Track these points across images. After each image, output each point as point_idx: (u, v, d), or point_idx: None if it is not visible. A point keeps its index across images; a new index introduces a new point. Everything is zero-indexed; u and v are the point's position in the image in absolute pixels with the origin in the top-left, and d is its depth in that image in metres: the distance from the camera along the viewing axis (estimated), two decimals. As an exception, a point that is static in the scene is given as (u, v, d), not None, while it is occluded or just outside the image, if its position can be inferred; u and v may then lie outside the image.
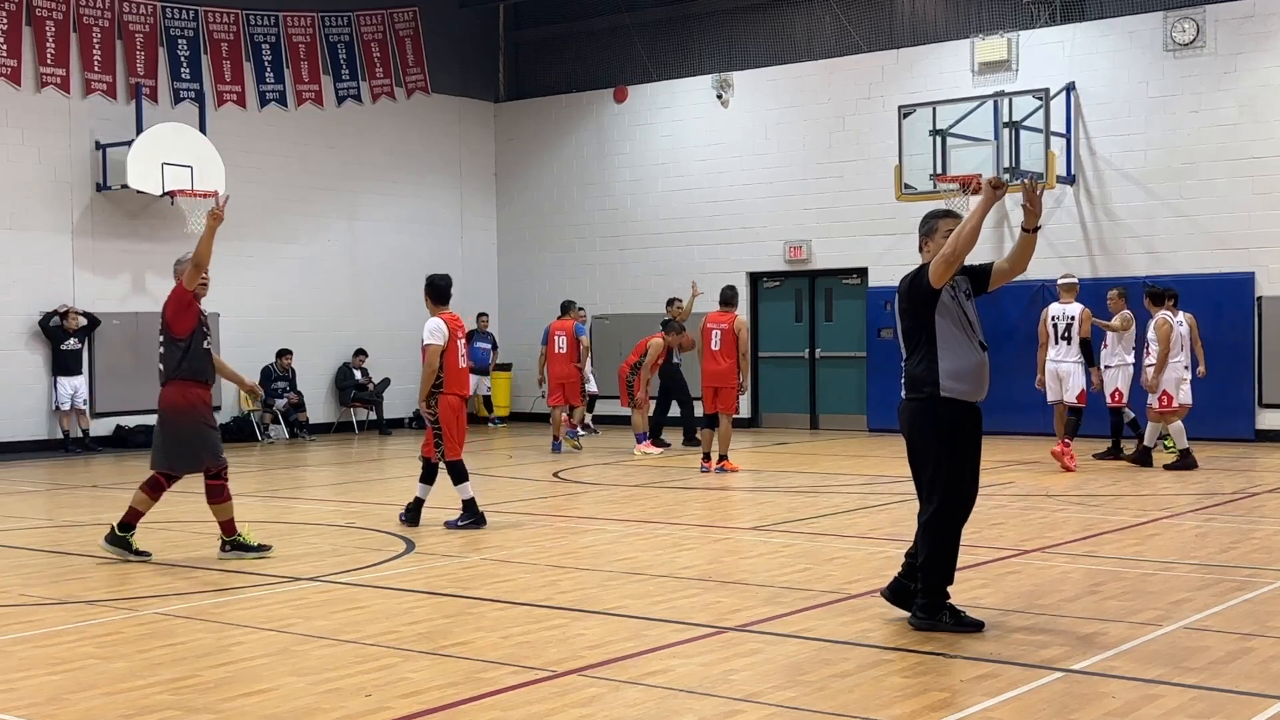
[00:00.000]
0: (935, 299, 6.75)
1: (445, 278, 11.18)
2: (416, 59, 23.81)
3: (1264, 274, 18.13)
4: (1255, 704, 5.46)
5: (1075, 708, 5.46)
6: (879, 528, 10.63)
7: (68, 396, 19.01)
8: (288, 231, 22.03)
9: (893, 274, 20.78)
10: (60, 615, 7.66)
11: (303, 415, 21.50)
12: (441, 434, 10.87)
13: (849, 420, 21.35)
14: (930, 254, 6.86)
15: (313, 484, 15.11)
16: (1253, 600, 7.55)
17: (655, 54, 23.52)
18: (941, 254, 6.65)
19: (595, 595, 7.99)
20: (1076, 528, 10.36)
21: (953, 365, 6.75)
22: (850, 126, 21.19)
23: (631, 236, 23.45)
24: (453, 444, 10.90)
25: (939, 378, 6.74)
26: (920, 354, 6.81)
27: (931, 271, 6.71)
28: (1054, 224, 19.36)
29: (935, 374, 6.75)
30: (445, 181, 24.39)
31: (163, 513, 12.38)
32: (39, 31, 19.22)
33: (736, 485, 13.98)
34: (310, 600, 8.02)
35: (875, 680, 5.93)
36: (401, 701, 5.65)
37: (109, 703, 5.73)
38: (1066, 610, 7.27)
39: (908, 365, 6.89)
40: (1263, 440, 17.93)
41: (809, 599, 7.71)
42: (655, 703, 5.61)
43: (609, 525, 11.02)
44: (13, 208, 18.94)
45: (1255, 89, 18.21)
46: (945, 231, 6.81)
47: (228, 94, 21.27)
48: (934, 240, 6.88)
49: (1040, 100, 18.42)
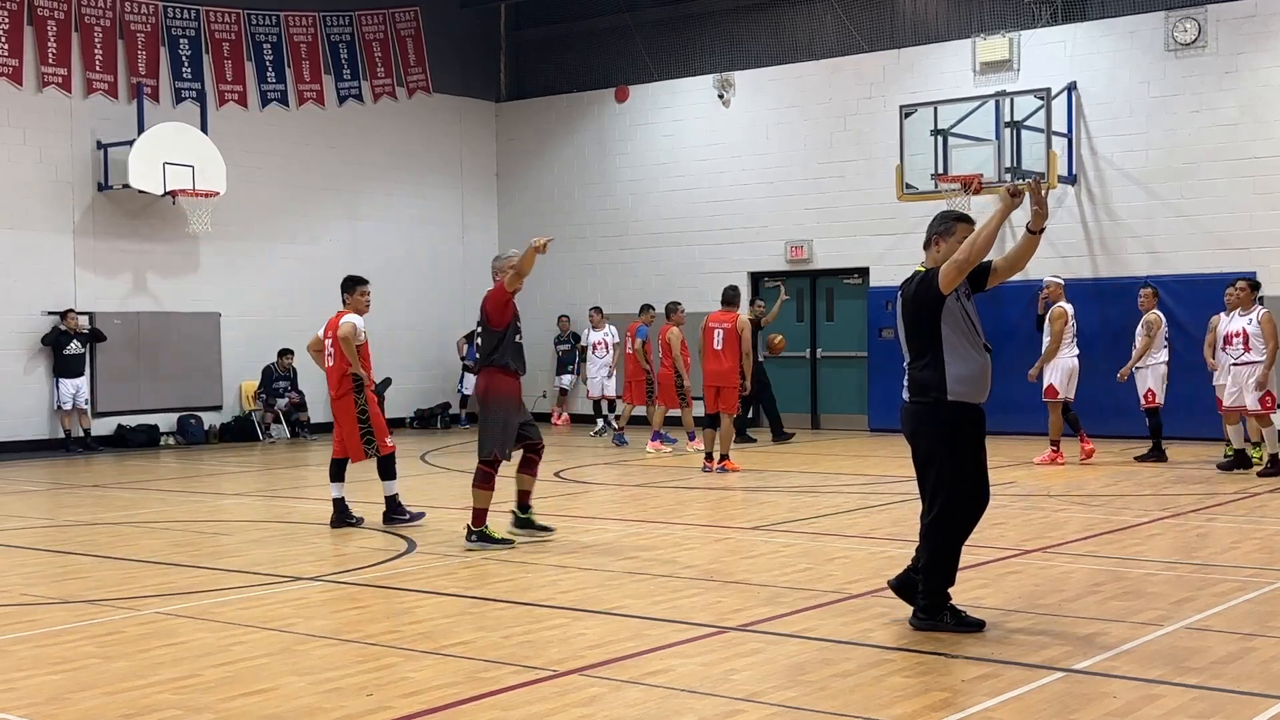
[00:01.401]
0: (942, 303, 6.72)
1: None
2: (418, 59, 23.81)
3: (1265, 274, 18.09)
4: (1256, 704, 5.46)
5: (1076, 708, 5.46)
6: (880, 527, 10.62)
7: (69, 396, 19.02)
8: (289, 231, 22.04)
9: (894, 274, 20.78)
10: (61, 615, 7.66)
11: (304, 415, 21.50)
12: (373, 429, 10.88)
13: (850, 420, 21.34)
14: (939, 254, 6.80)
15: (314, 484, 15.09)
16: (1254, 600, 7.55)
17: (656, 54, 23.51)
18: (954, 260, 6.59)
19: (596, 595, 7.99)
20: (1078, 528, 10.36)
21: (959, 369, 6.73)
22: (851, 126, 21.18)
23: (632, 236, 23.45)
24: (385, 438, 10.98)
25: (946, 382, 6.71)
26: (926, 358, 6.76)
27: (942, 277, 6.65)
28: (1055, 224, 19.33)
29: (942, 378, 6.71)
30: (446, 181, 24.39)
31: (162, 512, 12.40)
32: (40, 31, 19.23)
33: (737, 485, 13.98)
34: (311, 600, 8.03)
35: (876, 680, 5.93)
36: (402, 701, 5.65)
37: (110, 702, 5.73)
38: (1068, 610, 7.27)
39: (912, 368, 6.85)
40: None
41: (810, 599, 7.71)
42: (656, 702, 5.61)
43: (610, 525, 11.02)
44: (14, 207, 18.95)
45: (1257, 89, 18.20)
46: (962, 235, 6.74)
47: (229, 93, 21.27)
48: (947, 242, 6.81)
49: (1041, 100, 18.42)
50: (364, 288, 11.28)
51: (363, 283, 11.32)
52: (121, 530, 11.30)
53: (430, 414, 23.64)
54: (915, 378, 6.82)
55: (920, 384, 6.79)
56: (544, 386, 24.29)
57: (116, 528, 11.45)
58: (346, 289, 11.32)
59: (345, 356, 10.88)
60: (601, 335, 21.60)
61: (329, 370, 11.10)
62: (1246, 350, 13.85)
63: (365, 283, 11.33)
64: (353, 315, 11.07)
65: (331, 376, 11.09)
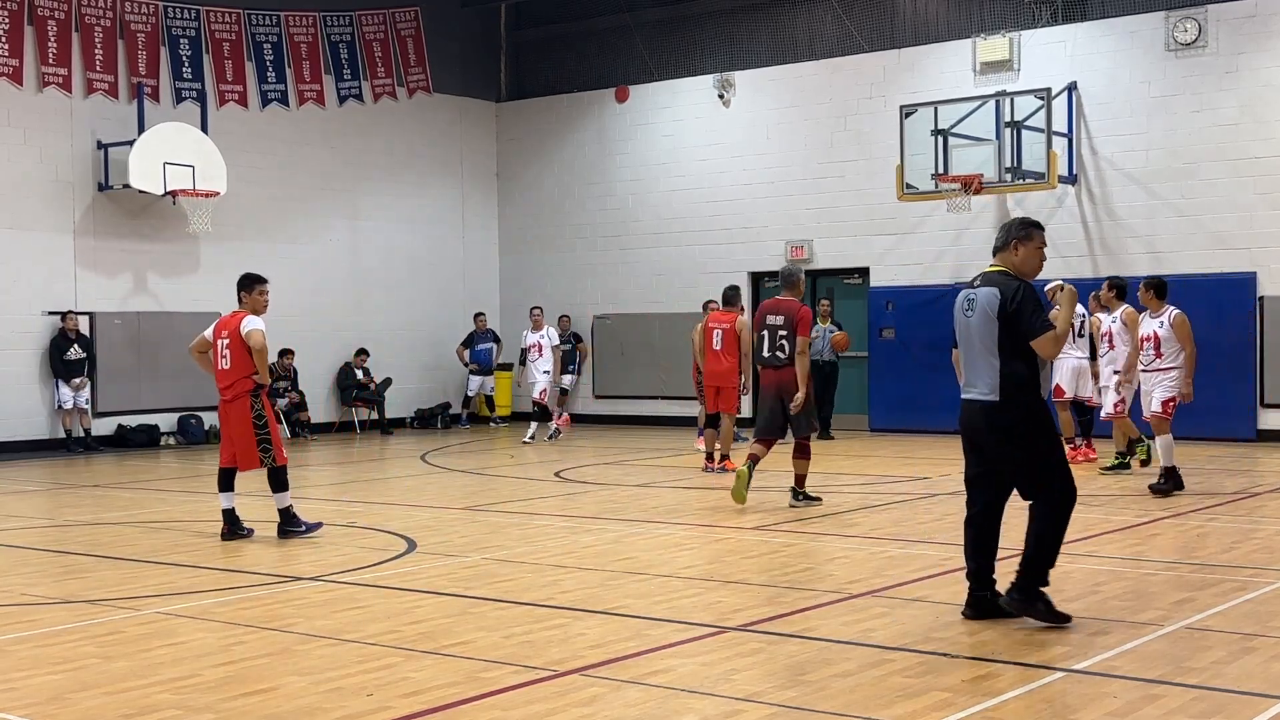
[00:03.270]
0: None
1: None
2: (418, 59, 23.81)
3: (1265, 274, 18.13)
4: (1257, 704, 5.46)
5: (1077, 707, 5.46)
6: (880, 528, 10.63)
7: (70, 396, 19.02)
8: (289, 231, 22.04)
9: (894, 274, 20.82)
10: (61, 615, 7.66)
11: (304, 415, 21.51)
12: (270, 437, 10.41)
13: (851, 420, 21.33)
14: (1017, 257, 7.13)
15: (314, 484, 15.10)
16: (1254, 600, 7.55)
17: (656, 54, 23.51)
18: (1058, 336, 6.96)
19: (597, 595, 7.99)
20: (1078, 527, 10.32)
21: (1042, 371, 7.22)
22: (852, 126, 21.18)
23: (633, 236, 23.45)
24: (280, 447, 10.52)
25: (1039, 380, 7.13)
26: (1022, 359, 7.04)
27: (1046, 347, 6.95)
28: (1056, 224, 19.35)
29: (1036, 376, 7.10)
30: (446, 181, 24.39)
31: (162, 512, 12.41)
32: (40, 31, 19.23)
33: (738, 485, 13.96)
34: (311, 600, 8.03)
35: (876, 680, 5.93)
36: (403, 701, 5.65)
37: (110, 702, 5.73)
38: (1068, 610, 7.26)
39: (1003, 366, 7.01)
40: (1264, 440, 17.92)
41: (810, 599, 7.71)
42: (656, 702, 5.61)
43: (610, 525, 11.02)
44: (14, 207, 18.95)
45: (1257, 89, 18.20)
46: (1040, 242, 7.19)
47: (229, 93, 21.27)
48: (1026, 247, 7.15)
49: (1042, 100, 18.42)
50: (263, 286, 10.62)
51: (261, 281, 10.65)
52: (122, 530, 11.30)
53: (430, 414, 23.64)
54: (1010, 374, 7.01)
55: (1018, 381, 7.03)
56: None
57: (117, 528, 11.45)
58: (244, 287, 10.60)
59: (248, 362, 10.32)
60: (538, 337, 19.98)
61: (222, 373, 10.44)
62: (1159, 356, 12.54)
63: (264, 281, 10.68)
64: (255, 319, 10.41)
65: (224, 379, 10.45)
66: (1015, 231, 7.21)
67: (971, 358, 7.17)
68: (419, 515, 11.79)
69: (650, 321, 23.13)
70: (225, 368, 10.44)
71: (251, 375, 10.38)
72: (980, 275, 7.27)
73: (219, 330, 10.52)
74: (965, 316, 7.19)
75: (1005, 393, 7.01)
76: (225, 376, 10.47)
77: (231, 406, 10.48)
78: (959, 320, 7.27)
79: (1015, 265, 7.14)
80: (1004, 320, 6.99)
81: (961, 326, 7.25)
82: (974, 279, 7.33)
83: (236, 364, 10.40)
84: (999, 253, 7.23)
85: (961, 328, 7.25)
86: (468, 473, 15.88)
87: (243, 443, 10.45)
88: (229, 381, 10.45)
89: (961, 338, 7.28)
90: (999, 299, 7.01)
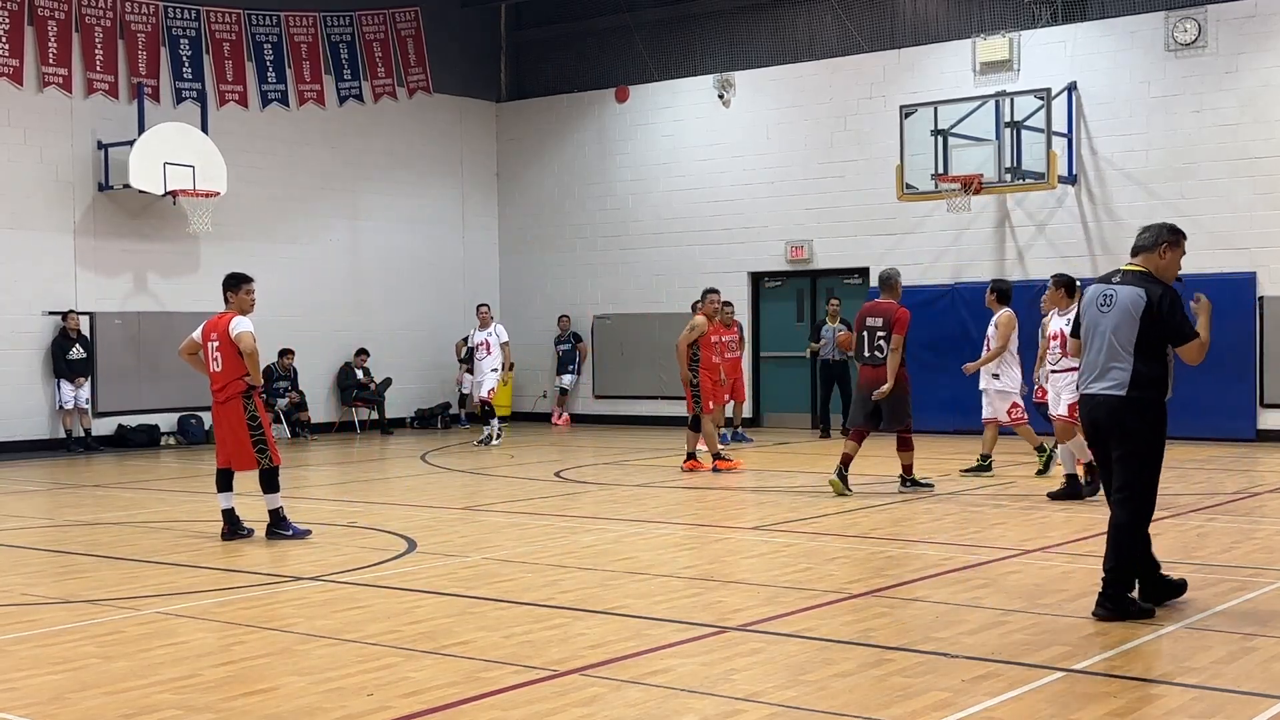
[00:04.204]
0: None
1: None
2: (418, 59, 23.81)
3: (1265, 274, 18.12)
4: (1256, 704, 5.46)
5: (1076, 707, 5.46)
6: (880, 527, 10.63)
7: (70, 396, 19.02)
8: (289, 231, 22.03)
9: (894, 274, 20.78)
10: (61, 615, 7.66)
11: (304, 415, 21.50)
12: (265, 437, 10.35)
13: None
14: (1163, 260, 7.24)
15: (314, 484, 15.11)
16: (1254, 600, 7.56)
17: (656, 54, 23.51)
18: (1204, 344, 7.10)
19: (596, 595, 8.00)
20: (1078, 527, 10.36)
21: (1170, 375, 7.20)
22: (851, 126, 21.18)
23: (633, 236, 23.45)
24: (275, 447, 10.50)
25: (1170, 383, 7.17)
26: (1157, 358, 7.09)
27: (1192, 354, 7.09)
28: (1055, 224, 19.38)
29: (1166, 379, 7.14)
30: (447, 181, 24.39)
31: (162, 512, 12.41)
32: (41, 31, 19.23)
33: (738, 485, 13.98)
34: (312, 599, 8.03)
35: (876, 680, 5.94)
36: (403, 701, 5.66)
37: (110, 702, 5.73)
38: (1068, 610, 7.27)
39: (1138, 363, 7.05)
40: (1264, 440, 17.91)
41: (810, 599, 7.71)
42: (656, 702, 5.62)
43: (610, 525, 11.02)
44: (14, 207, 18.95)
45: (1257, 89, 18.20)
46: (1184, 250, 7.39)
47: (229, 94, 21.27)
48: (1173, 252, 7.29)
49: (1042, 100, 18.42)
50: (249, 285, 10.52)
51: (248, 280, 10.56)
52: (122, 530, 11.30)
53: (430, 414, 23.63)
54: (1143, 372, 7.05)
55: (1149, 379, 7.07)
56: (544, 386, 24.33)
57: (117, 528, 11.45)
58: (230, 287, 10.53)
59: (240, 363, 10.24)
60: (485, 335, 19.67)
61: (214, 375, 10.35)
62: (1065, 355, 11.74)
63: (250, 280, 10.58)
64: (243, 320, 10.32)
65: (217, 381, 10.36)
66: (1166, 235, 7.26)
67: (1100, 352, 7.17)
68: (419, 515, 11.79)
69: (650, 321, 23.12)
70: (217, 370, 10.38)
71: (243, 377, 10.32)
72: (1119, 272, 7.29)
73: (207, 332, 10.44)
74: (1100, 311, 7.19)
75: (1135, 389, 7.05)
76: (217, 379, 10.41)
77: (225, 408, 10.42)
78: (1090, 314, 7.27)
79: (1160, 268, 7.21)
80: (1148, 322, 7.03)
81: (1093, 320, 7.24)
82: (1111, 274, 7.34)
83: (228, 366, 10.34)
84: (1141, 252, 7.27)
85: (1093, 321, 7.24)
86: (468, 473, 15.88)
87: (237, 444, 10.41)
88: (221, 384, 10.39)
89: (1090, 331, 7.26)
90: (1145, 301, 7.05)
